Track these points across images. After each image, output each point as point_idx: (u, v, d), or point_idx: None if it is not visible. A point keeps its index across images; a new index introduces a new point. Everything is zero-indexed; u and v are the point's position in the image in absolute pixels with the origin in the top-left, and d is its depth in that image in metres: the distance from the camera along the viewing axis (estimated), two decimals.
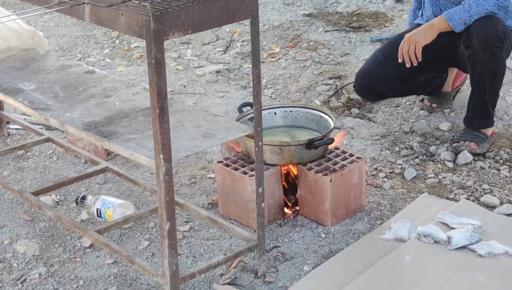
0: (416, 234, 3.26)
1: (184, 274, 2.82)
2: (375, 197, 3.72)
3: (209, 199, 3.73)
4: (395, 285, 2.96)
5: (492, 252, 3.12)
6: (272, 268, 3.15)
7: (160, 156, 2.57)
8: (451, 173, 3.92)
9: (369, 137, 4.35)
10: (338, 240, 3.35)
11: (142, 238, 3.41)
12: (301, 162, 3.48)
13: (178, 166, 4.08)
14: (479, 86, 4.01)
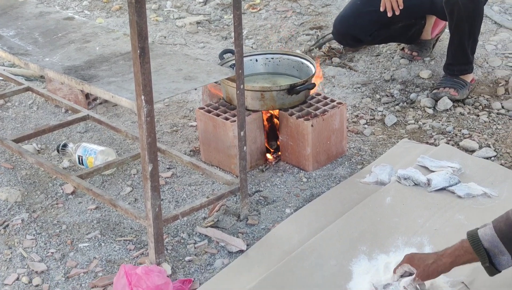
0: (396, 177, 3.30)
1: (167, 216, 2.84)
2: (356, 143, 3.75)
3: (191, 147, 3.74)
4: (375, 226, 2.99)
5: (470, 193, 3.16)
6: (255, 211, 3.18)
7: (141, 97, 2.56)
8: (431, 119, 3.95)
9: (350, 86, 4.36)
10: (319, 184, 3.38)
11: (124, 185, 3.42)
12: (282, 107, 3.49)
13: (160, 115, 4.07)
14: (457, 32, 4.03)
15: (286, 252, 2.87)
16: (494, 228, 2.27)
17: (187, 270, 2.82)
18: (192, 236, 3.02)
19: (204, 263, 2.86)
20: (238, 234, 3.01)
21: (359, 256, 2.81)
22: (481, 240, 2.28)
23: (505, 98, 4.15)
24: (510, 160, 3.53)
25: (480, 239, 2.28)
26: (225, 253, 2.91)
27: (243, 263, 2.83)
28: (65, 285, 2.76)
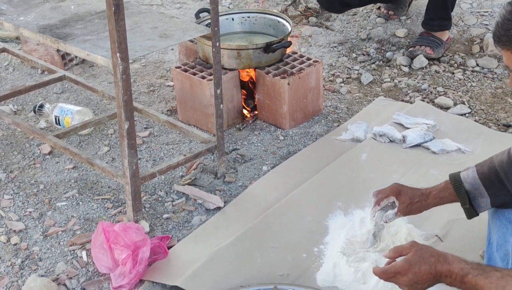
0: (372, 134, 3.33)
1: (144, 174, 2.86)
2: (333, 101, 3.77)
3: (168, 106, 3.74)
4: (351, 182, 3.03)
5: (445, 149, 3.21)
6: (232, 169, 3.20)
7: (116, 55, 2.56)
8: (406, 77, 3.98)
9: (327, 45, 4.37)
10: (296, 142, 3.40)
11: (101, 144, 3.43)
12: (259, 66, 3.49)
13: (137, 75, 4.07)
14: None
15: (263, 209, 2.89)
16: (476, 171, 2.30)
17: (165, 227, 2.85)
18: (170, 194, 3.04)
19: (181, 220, 2.88)
20: (216, 192, 3.03)
21: (335, 211, 2.85)
22: (462, 182, 2.31)
23: (480, 55, 4.18)
24: (484, 117, 3.57)
25: (462, 181, 2.31)
26: (203, 210, 2.94)
27: (220, 220, 2.86)
28: (44, 243, 2.78)
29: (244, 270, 2.55)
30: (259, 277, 2.52)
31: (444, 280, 1.93)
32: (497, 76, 3.97)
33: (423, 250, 1.97)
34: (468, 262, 1.91)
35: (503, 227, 2.29)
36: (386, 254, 2.07)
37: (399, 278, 1.97)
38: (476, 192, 2.29)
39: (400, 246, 2.03)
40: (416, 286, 1.96)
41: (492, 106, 3.67)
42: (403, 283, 1.97)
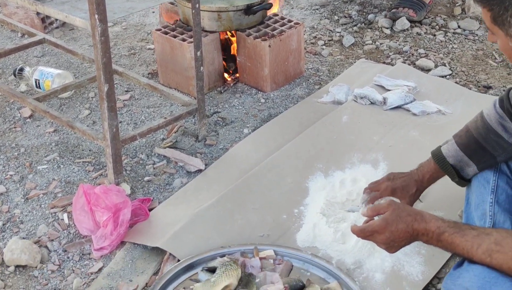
0: (353, 96, 3.33)
1: (124, 136, 2.85)
2: (314, 63, 3.76)
3: (149, 69, 3.73)
4: (332, 144, 3.04)
5: (425, 111, 3.22)
6: (213, 132, 3.20)
7: (95, 16, 2.54)
8: (388, 39, 3.98)
9: (309, 7, 4.36)
10: (277, 105, 3.41)
11: (82, 108, 3.42)
12: (240, 28, 3.48)
13: (117, 38, 4.04)
14: None
15: (244, 171, 2.90)
16: (456, 143, 2.31)
17: (146, 189, 2.85)
18: (151, 157, 3.04)
19: (163, 182, 2.89)
20: (197, 154, 3.04)
21: (315, 173, 2.86)
22: (446, 158, 2.32)
23: (461, 17, 4.18)
24: (465, 78, 3.58)
25: (445, 156, 2.32)
26: (184, 173, 2.94)
27: (201, 182, 2.87)
28: (25, 206, 2.78)
29: (224, 231, 2.57)
30: (239, 238, 2.53)
31: (421, 239, 1.95)
32: (478, 38, 3.97)
33: (400, 209, 1.98)
34: (444, 220, 1.93)
35: (481, 187, 2.31)
36: (364, 213, 2.09)
37: (377, 236, 1.99)
38: (461, 164, 2.30)
39: (378, 205, 2.05)
40: (393, 244, 1.98)
41: (473, 68, 3.68)
42: (380, 242, 1.99)
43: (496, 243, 1.80)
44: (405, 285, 2.35)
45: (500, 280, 1.78)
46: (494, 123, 2.21)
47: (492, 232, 1.85)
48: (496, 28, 1.77)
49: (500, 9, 1.72)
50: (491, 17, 1.77)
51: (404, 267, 2.41)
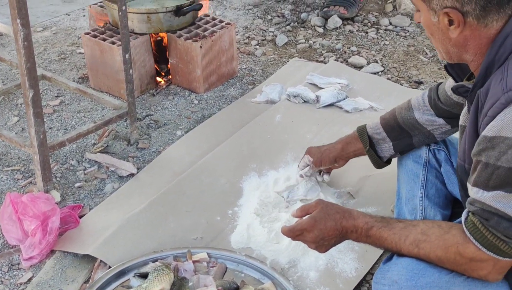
0: (286, 95, 3.33)
1: (53, 143, 2.79)
2: (248, 63, 3.75)
3: (79, 74, 3.66)
4: (265, 144, 3.03)
5: (357, 108, 3.23)
6: (145, 135, 3.16)
7: (17, 21, 2.47)
8: (321, 37, 3.99)
9: (242, 7, 4.34)
10: (210, 106, 3.38)
11: (11, 114, 3.34)
12: (170, 30, 3.44)
13: (47, 43, 3.96)
14: None
15: (177, 173, 2.87)
16: (380, 118, 2.48)
17: (77, 196, 2.80)
18: (82, 163, 2.98)
19: (94, 188, 2.84)
20: (129, 158, 2.99)
21: (249, 173, 2.85)
22: (366, 128, 2.50)
23: (393, 14, 4.22)
24: (397, 74, 3.61)
25: (366, 127, 2.50)
26: (116, 178, 2.89)
27: (133, 186, 2.82)
28: None
29: (157, 235, 2.53)
30: (172, 242, 2.50)
31: (350, 236, 1.95)
32: (410, 34, 4.01)
33: (328, 207, 1.98)
34: (372, 216, 1.93)
35: (411, 182, 2.33)
36: (293, 213, 2.07)
37: (306, 235, 1.97)
38: (378, 137, 2.46)
39: (307, 205, 2.04)
40: (323, 243, 1.97)
41: (404, 64, 3.71)
42: (310, 240, 1.98)
43: (422, 233, 1.81)
44: (339, 282, 2.34)
45: (428, 271, 1.80)
46: (417, 107, 2.35)
47: (419, 223, 1.86)
48: (420, 3, 1.79)
49: None
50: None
51: (338, 264, 2.41)
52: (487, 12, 1.70)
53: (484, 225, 1.69)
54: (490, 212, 1.68)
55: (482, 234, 1.70)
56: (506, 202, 1.66)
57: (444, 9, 1.72)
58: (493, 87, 1.68)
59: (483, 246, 1.70)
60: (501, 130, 1.63)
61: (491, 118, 1.65)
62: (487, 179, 1.67)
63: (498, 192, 1.66)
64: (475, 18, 1.71)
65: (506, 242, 1.68)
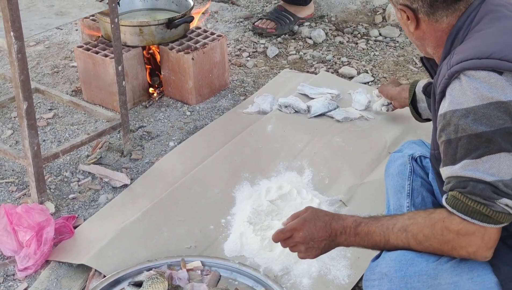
0: (278, 105, 3.36)
1: (47, 154, 2.81)
2: (239, 75, 3.78)
3: (73, 87, 3.68)
4: (257, 153, 3.06)
5: (348, 117, 3.26)
6: (138, 146, 3.19)
7: (10, 34, 2.50)
8: (311, 49, 4.03)
9: (233, 20, 4.38)
10: (203, 117, 3.41)
11: (5, 128, 3.36)
12: (162, 42, 3.47)
13: (40, 57, 3.99)
14: None
15: (170, 184, 2.89)
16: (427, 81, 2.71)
17: (71, 207, 2.82)
18: (76, 174, 3.01)
19: (88, 199, 2.86)
20: (122, 169, 3.02)
21: (242, 182, 2.88)
22: (416, 85, 2.75)
23: (382, 25, 4.26)
24: None
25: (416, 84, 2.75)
26: (109, 189, 2.91)
27: (127, 197, 2.85)
28: None
29: (151, 245, 2.55)
30: (166, 251, 2.52)
31: (339, 239, 1.95)
32: (399, 44, 4.06)
33: (318, 210, 2.00)
34: (360, 216, 1.95)
35: (397, 193, 2.36)
36: (285, 222, 2.04)
37: (296, 235, 1.95)
38: (419, 96, 2.71)
39: (297, 212, 2.04)
40: (312, 245, 1.96)
41: (395, 74, 3.75)
42: (299, 240, 1.96)
43: (409, 218, 1.85)
44: (332, 289, 2.37)
45: (415, 261, 1.83)
46: None
47: (405, 213, 1.95)
48: None
49: None
50: None
51: (330, 271, 2.44)
52: (435, 9, 1.86)
53: (463, 193, 1.73)
54: (464, 180, 1.72)
55: (463, 202, 1.73)
56: (474, 168, 1.71)
57: (399, 6, 1.91)
58: (442, 69, 1.81)
59: (466, 215, 1.73)
60: (450, 104, 1.74)
61: (441, 94, 1.78)
62: (453, 154, 1.74)
63: (465, 161, 1.72)
64: (425, 14, 1.88)
65: (486, 205, 1.71)
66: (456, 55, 1.78)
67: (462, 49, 1.79)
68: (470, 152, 1.71)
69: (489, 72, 1.71)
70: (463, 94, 1.72)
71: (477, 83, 1.70)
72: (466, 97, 1.71)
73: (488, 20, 1.84)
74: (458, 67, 1.73)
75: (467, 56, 1.74)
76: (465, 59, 1.73)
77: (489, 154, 1.70)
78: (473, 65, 1.72)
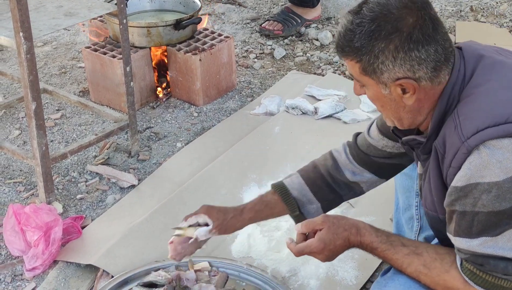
0: (285, 107, 3.37)
1: (55, 155, 2.82)
2: (246, 76, 3.79)
3: (80, 87, 3.69)
4: (265, 155, 3.06)
5: (355, 119, 3.27)
6: (146, 147, 3.19)
7: (20, 34, 2.51)
8: (318, 50, 4.03)
9: (240, 21, 4.38)
10: (210, 118, 3.41)
11: (12, 128, 3.37)
12: (170, 43, 3.48)
13: (48, 58, 4.00)
14: None
15: (178, 185, 2.90)
16: (302, 177, 2.21)
17: (78, 207, 2.82)
18: (83, 175, 3.01)
19: (95, 200, 2.86)
20: (130, 170, 3.02)
21: (249, 184, 2.88)
22: (289, 189, 2.19)
23: None
24: None
25: (288, 188, 2.19)
26: (117, 189, 2.92)
27: (134, 198, 2.85)
28: None
29: (159, 245, 2.55)
30: None
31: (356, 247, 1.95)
32: None
33: (335, 225, 1.92)
34: (378, 234, 1.89)
35: (406, 191, 2.35)
36: (298, 229, 1.98)
37: (316, 256, 1.94)
38: (304, 199, 2.19)
39: (312, 221, 1.96)
40: (330, 258, 1.95)
41: None
42: (319, 259, 1.95)
43: (424, 266, 1.80)
44: None
45: None
46: (344, 166, 2.19)
47: (423, 252, 1.82)
48: (366, 78, 1.72)
49: (370, 58, 1.67)
50: (360, 68, 1.70)
51: (338, 272, 2.44)
52: (438, 71, 1.68)
53: (481, 270, 1.69)
54: (483, 257, 1.67)
55: (483, 278, 1.69)
56: (495, 244, 1.65)
57: (397, 81, 1.68)
58: (449, 136, 1.68)
59: (485, 288, 1.70)
60: (470, 178, 1.63)
61: (457, 168, 1.65)
62: (469, 227, 1.67)
63: (484, 238, 1.65)
64: (428, 80, 1.69)
65: (507, 279, 1.68)
66: (466, 121, 1.64)
67: (470, 113, 1.65)
68: (490, 229, 1.64)
69: (510, 139, 1.59)
70: (485, 168, 1.61)
71: (500, 155, 1.59)
72: (488, 171, 1.60)
73: (483, 71, 1.71)
74: (477, 140, 1.61)
75: (483, 124, 1.61)
76: (482, 128, 1.60)
77: (509, 229, 1.64)
78: (493, 134, 1.60)
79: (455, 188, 1.66)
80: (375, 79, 1.70)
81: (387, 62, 1.66)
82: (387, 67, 1.66)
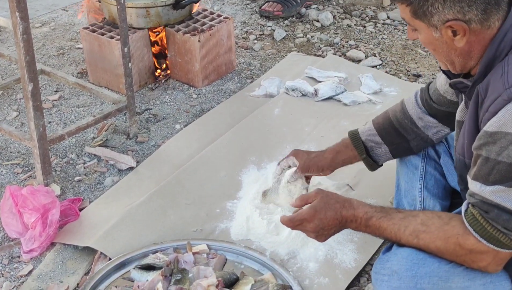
0: (285, 88, 3.34)
1: (52, 136, 2.80)
2: (246, 58, 3.76)
3: (78, 69, 3.67)
4: (264, 137, 3.04)
5: (356, 101, 3.24)
6: (144, 129, 3.17)
7: (16, 14, 2.48)
8: (319, 32, 4.00)
9: (240, 2, 4.35)
10: (209, 100, 3.39)
11: (10, 109, 3.34)
12: (168, 23, 3.45)
13: (46, 39, 3.97)
14: None
15: (176, 167, 2.88)
16: (372, 122, 2.34)
17: (76, 189, 2.80)
18: (81, 157, 2.99)
19: (93, 182, 2.84)
20: (128, 152, 3.00)
21: (248, 166, 2.86)
22: (359, 134, 2.35)
23: (390, 8, 4.22)
24: (395, 68, 3.62)
25: (359, 133, 2.35)
26: (115, 171, 2.90)
27: (133, 180, 2.83)
28: None
29: (157, 227, 2.54)
30: (172, 234, 2.51)
31: (349, 226, 1.95)
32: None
33: (328, 197, 1.98)
34: (372, 206, 1.94)
35: (410, 173, 2.34)
36: (293, 203, 2.07)
37: (306, 225, 1.98)
38: (372, 143, 2.32)
39: (306, 194, 2.04)
40: (322, 232, 1.97)
41: (403, 57, 3.72)
42: (310, 230, 1.98)
43: (422, 224, 1.81)
44: (338, 273, 2.35)
45: (428, 261, 1.80)
46: (411, 110, 2.25)
47: (418, 213, 1.86)
48: (417, 22, 1.76)
49: (419, 1, 1.71)
50: (411, 12, 1.74)
51: (337, 255, 2.42)
52: (488, 14, 1.70)
53: (484, 217, 1.70)
54: (490, 204, 1.69)
55: (482, 226, 1.71)
56: (506, 196, 1.67)
57: (447, 23, 1.71)
58: (493, 82, 1.69)
59: (483, 238, 1.72)
60: (502, 126, 1.64)
61: (493, 113, 1.67)
62: (488, 174, 1.68)
63: (498, 186, 1.67)
64: (478, 23, 1.71)
65: (506, 234, 1.69)
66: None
67: None
68: (506, 180, 1.66)
69: None
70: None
71: None
72: None
73: None
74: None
75: None
76: None
77: None
78: None
79: (486, 132, 1.68)
80: (426, 22, 1.73)
81: (437, 4, 1.70)
82: (437, 9, 1.70)
